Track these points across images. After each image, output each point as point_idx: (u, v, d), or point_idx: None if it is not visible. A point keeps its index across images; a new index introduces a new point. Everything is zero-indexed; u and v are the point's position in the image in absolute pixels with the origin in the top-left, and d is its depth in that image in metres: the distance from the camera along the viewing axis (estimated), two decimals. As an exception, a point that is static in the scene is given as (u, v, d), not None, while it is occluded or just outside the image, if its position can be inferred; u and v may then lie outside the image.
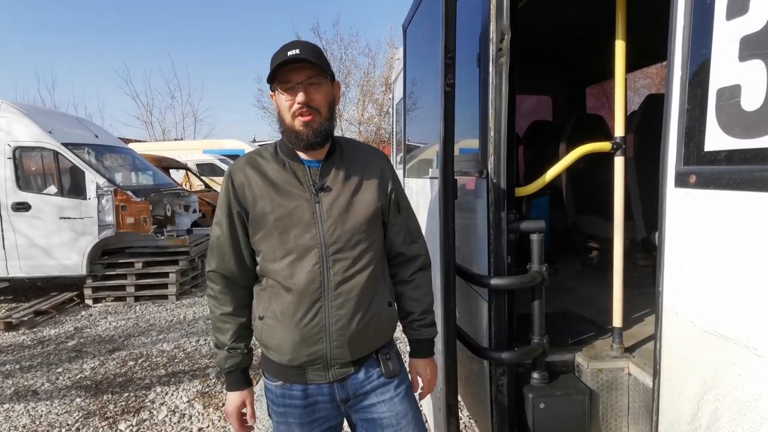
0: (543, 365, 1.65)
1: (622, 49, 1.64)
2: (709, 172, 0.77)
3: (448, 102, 1.47)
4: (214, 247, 1.38)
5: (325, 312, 1.28)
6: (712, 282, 0.79)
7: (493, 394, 1.65)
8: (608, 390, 1.65)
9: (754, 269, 0.70)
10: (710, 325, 0.77)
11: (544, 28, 3.19)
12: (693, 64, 0.77)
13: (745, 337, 0.71)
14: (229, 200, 1.34)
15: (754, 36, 0.67)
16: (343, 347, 1.30)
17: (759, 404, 0.67)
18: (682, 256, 0.85)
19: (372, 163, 1.41)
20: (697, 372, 0.80)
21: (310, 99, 1.24)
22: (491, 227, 1.58)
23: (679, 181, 0.83)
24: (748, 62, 0.69)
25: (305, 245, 1.27)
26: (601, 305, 2.18)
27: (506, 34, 1.52)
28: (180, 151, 13.22)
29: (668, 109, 0.83)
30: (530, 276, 1.56)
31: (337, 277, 1.28)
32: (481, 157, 1.64)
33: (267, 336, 1.33)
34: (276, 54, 1.27)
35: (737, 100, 0.70)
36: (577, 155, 1.65)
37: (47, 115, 6.39)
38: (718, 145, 0.74)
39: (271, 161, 1.34)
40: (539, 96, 4.52)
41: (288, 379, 1.34)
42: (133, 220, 5.76)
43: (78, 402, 3.35)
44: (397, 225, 1.43)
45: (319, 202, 1.30)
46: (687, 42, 0.78)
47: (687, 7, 0.79)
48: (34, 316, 5.31)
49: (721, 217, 0.76)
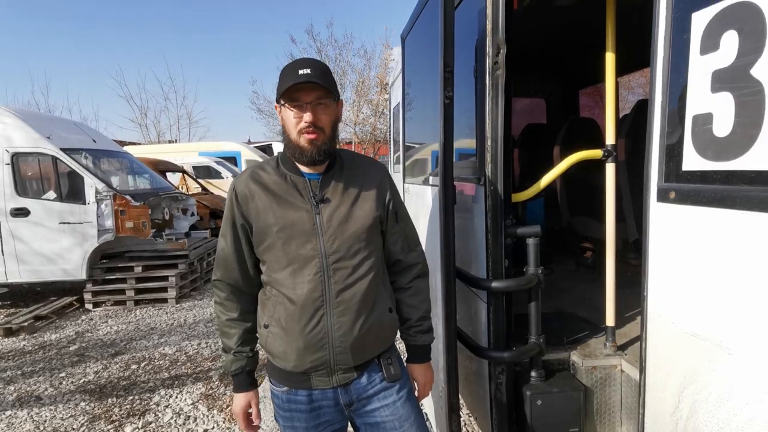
0: (540, 364, 1.72)
1: (612, 58, 1.71)
2: (686, 189, 0.85)
3: (447, 113, 1.54)
4: (219, 258, 1.45)
5: (328, 320, 1.32)
6: (690, 287, 0.87)
7: (492, 392, 1.72)
8: (602, 386, 1.73)
9: (724, 276, 0.79)
10: (689, 326, 0.85)
11: (538, 32, 3.26)
12: (672, 92, 0.85)
13: (718, 337, 0.79)
14: (233, 214, 1.40)
15: (724, 71, 0.75)
16: (345, 353, 1.34)
17: (731, 398, 0.75)
18: (664, 263, 0.93)
19: (371, 175, 1.45)
20: (678, 369, 0.88)
21: (317, 119, 1.30)
22: (489, 232, 1.65)
23: (661, 196, 0.91)
24: (718, 93, 0.76)
25: (306, 255, 1.32)
26: (595, 305, 2.26)
27: (502, 48, 1.59)
28: (176, 154, 13.22)
29: (651, 131, 0.91)
30: (527, 278, 1.64)
31: (337, 285, 1.32)
32: (478, 164, 1.71)
33: (272, 343, 1.37)
34: (287, 70, 1.32)
35: (710, 127, 0.78)
36: (570, 163, 1.73)
37: (45, 121, 6.40)
38: (694, 166, 0.82)
39: (273, 174, 1.40)
40: (533, 99, 4.60)
41: (293, 385, 1.40)
42: (133, 224, 5.79)
43: (83, 406, 3.39)
44: (395, 234, 1.48)
45: (320, 214, 1.34)
46: (667, 72, 0.86)
47: (666, 43, 0.87)
48: (34, 321, 5.33)
49: (696, 230, 0.84)
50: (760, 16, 0.67)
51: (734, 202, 0.73)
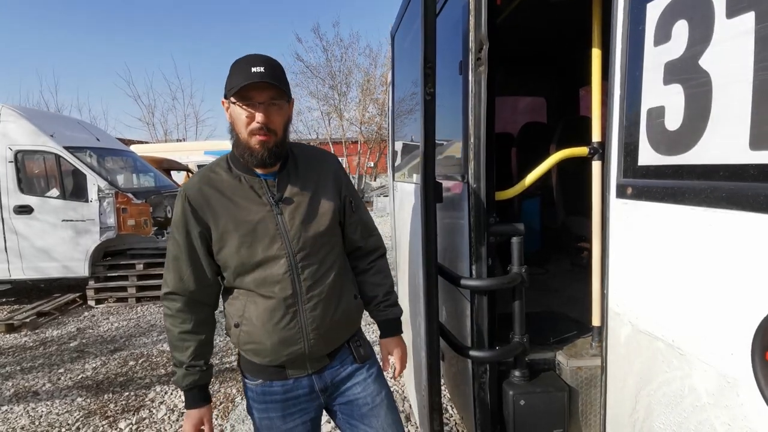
0: (524, 363, 1.70)
1: (598, 56, 1.69)
2: (641, 185, 0.83)
3: (428, 110, 1.52)
4: (171, 267, 1.36)
5: (301, 315, 1.33)
6: (645, 285, 0.85)
7: (475, 392, 1.70)
8: (587, 387, 1.71)
9: (675, 275, 0.76)
10: (644, 325, 0.83)
11: (535, 30, 3.24)
12: (629, 84, 0.82)
13: (670, 336, 0.77)
14: (186, 220, 1.32)
15: (675, 62, 0.72)
16: (319, 344, 1.37)
17: (683, 399, 0.73)
18: (622, 261, 0.91)
19: (325, 168, 1.45)
20: (635, 369, 0.86)
21: (269, 120, 1.26)
22: (472, 230, 1.63)
23: (619, 192, 0.89)
24: (670, 85, 0.74)
25: (274, 255, 1.31)
26: (587, 305, 2.23)
27: (484, 44, 1.57)
28: (182, 153, 13.31)
29: (610, 125, 0.89)
30: (510, 277, 1.62)
31: (307, 281, 1.34)
32: (462, 162, 1.69)
33: (245, 340, 1.36)
34: (238, 66, 1.25)
35: (662, 120, 0.76)
36: (554, 161, 1.70)
37: (48, 119, 6.47)
38: (649, 161, 0.80)
39: (226, 177, 1.35)
40: (533, 98, 4.56)
41: (268, 377, 1.40)
42: (134, 222, 5.84)
43: (79, 402, 3.41)
44: (353, 223, 1.50)
45: (281, 214, 1.33)
46: (624, 64, 0.84)
47: (624, 32, 0.85)
48: (37, 317, 5.39)
49: (650, 226, 0.82)
50: (709, 2, 0.65)
51: (683, 197, 0.71)
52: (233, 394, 3.39)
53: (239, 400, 3.30)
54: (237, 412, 3.13)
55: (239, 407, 3.20)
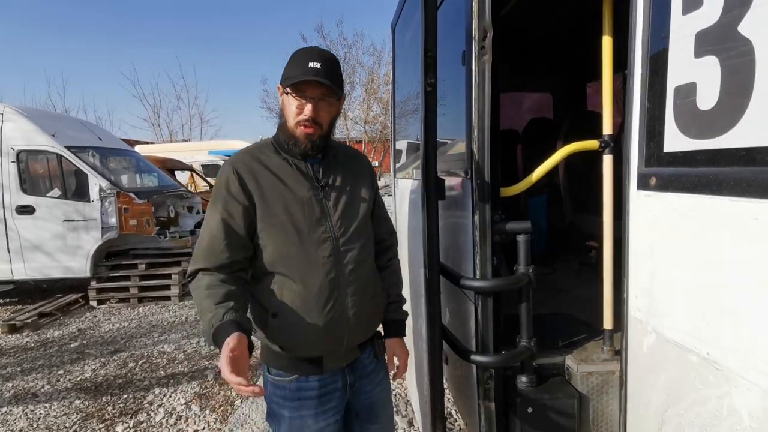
0: (531, 368, 1.62)
1: (609, 45, 1.60)
2: (668, 174, 0.73)
3: (429, 102, 1.44)
4: (206, 244, 1.29)
5: (343, 300, 1.35)
6: (673, 289, 0.75)
7: (480, 398, 1.62)
8: (599, 394, 1.62)
9: (711, 276, 0.66)
10: (671, 334, 0.73)
11: (542, 24, 3.14)
12: (652, 61, 0.73)
13: (704, 348, 0.67)
14: (231, 192, 1.30)
15: (709, 31, 0.63)
16: (357, 331, 1.41)
17: (720, 422, 0.63)
18: (646, 261, 0.81)
19: (361, 164, 1.53)
20: (660, 384, 0.76)
21: (317, 115, 1.30)
22: (476, 228, 1.55)
23: (641, 182, 0.80)
24: (702, 59, 0.65)
25: (319, 238, 1.33)
26: (596, 306, 2.14)
27: (489, 32, 1.49)
28: (186, 152, 13.31)
29: (630, 107, 0.79)
30: (516, 278, 1.53)
31: (348, 266, 1.36)
32: (465, 156, 1.61)
33: (284, 332, 1.32)
34: (298, 58, 1.31)
35: (692, 99, 0.66)
36: (563, 155, 1.62)
37: (50, 119, 6.44)
38: (677, 146, 0.71)
39: (274, 157, 1.37)
40: (540, 93, 4.47)
41: (304, 371, 1.37)
42: (136, 221, 5.79)
43: (77, 404, 3.36)
44: (379, 217, 1.56)
45: (326, 198, 1.37)
46: (647, 37, 0.74)
47: (645, 1, 0.75)
48: (39, 318, 5.36)
49: (681, 221, 0.72)
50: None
51: (721, 187, 0.61)
52: (233, 396, 3.33)
53: (239, 403, 3.23)
54: (236, 416, 3.07)
55: (238, 410, 3.13)
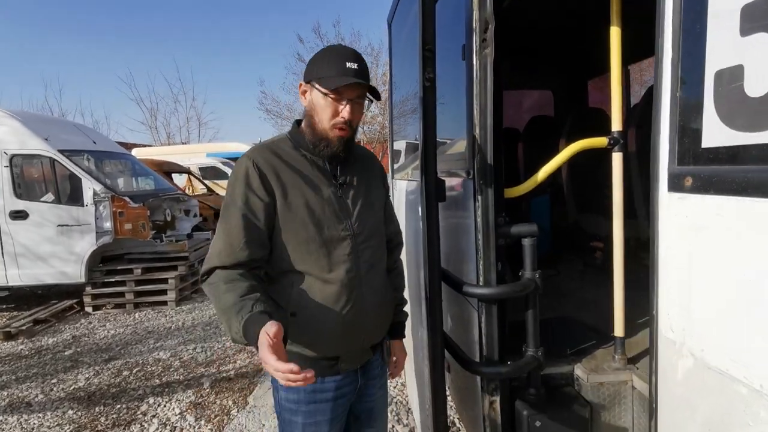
0: (539, 379, 1.53)
1: (617, 36, 1.51)
2: (708, 173, 0.63)
3: (428, 98, 1.35)
4: (221, 236, 1.23)
5: (361, 299, 1.33)
6: (719, 308, 0.65)
7: (485, 411, 1.53)
8: (611, 405, 1.53)
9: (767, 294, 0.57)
10: (714, 359, 0.63)
11: (541, 21, 3.06)
12: (686, 41, 0.63)
13: (756, 379, 0.58)
14: (252, 187, 1.24)
15: (758, 4, 0.53)
16: (374, 330, 1.42)
17: None
18: (680, 274, 0.71)
19: (374, 163, 1.53)
20: (699, 416, 0.66)
21: (352, 117, 1.28)
22: (479, 232, 1.46)
23: (673, 184, 0.70)
24: (751, 36, 0.55)
25: (339, 236, 1.31)
26: (603, 310, 2.05)
27: (490, 24, 1.40)
28: (184, 155, 13.23)
29: (658, 97, 0.70)
30: (522, 284, 1.44)
31: (366, 265, 1.36)
32: (467, 155, 1.52)
33: (303, 331, 1.28)
34: (330, 56, 1.28)
35: (739, 85, 0.57)
36: (571, 152, 1.53)
37: (44, 123, 6.35)
38: (719, 140, 0.61)
39: (293, 153, 1.33)
40: (540, 91, 4.38)
41: (321, 372, 1.32)
42: (131, 225, 5.70)
43: (70, 414, 3.28)
44: (388, 215, 1.56)
45: (343, 196, 1.35)
46: (679, 14, 0.65)
47: None
48: (33, 325, 5.27)
49: (725, 228, 0.61)
50: None
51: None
52: (229, 405, 3.24)
53: (235, 413, 3.14)
54: (232, 426, 2.98)
55: (234, 420, 3.04)
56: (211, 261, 1.24)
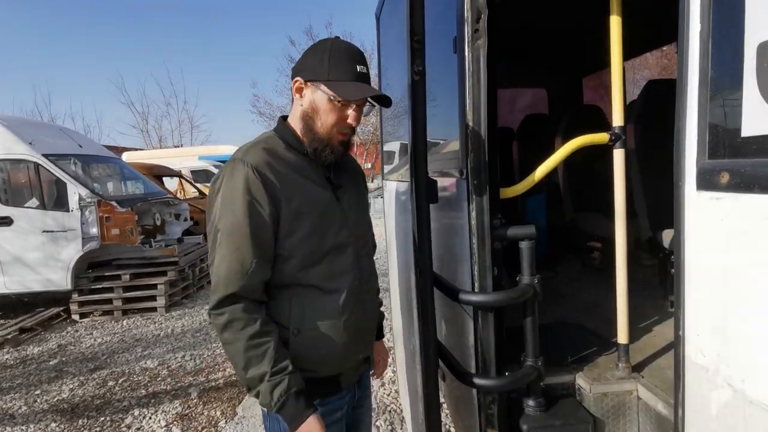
0: (539, 391, 1.44)
1: (617, 26, 1.43)
2: (748, 167, 0.52)
3: (416, 92, 1.26)
4: (228, 259, 1.10)
5: (363, 308, 1.28)
6: (762, 330, 0.54)
7: (482, 425, 1.44)
8: (615, 417, 1.44)
9: None
10: (758, 393, 0.53)
11: (534, 17, 2.98)
12: (716, 11, 0.53)
13: None
14: (255, 197, 1.09)
15: None
16: (370, 342, 1.39)
17: None
18: (713, 288, 0.60)
19: (356, 165, 1.46)
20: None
21: (358, 122, 1.23)
22: (473, 234, 1.37)
23: (703, 181, 0.59)
24: None
25: (343, 243, 1.23)
26: (604, 313, 1.97)
27: (483, 13, 1.31)
28: (176, 158, 13.11)
29: (683, 78, 0.59)
30: (520, 290, 1.35)
31: (365, 272, 1.30)
32: (460, 154, 1.43)
33: (307, 350, 1.18)
34: (339, 58, 1.17)
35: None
36: (570, 149, 1.45)
37: (28, 126, 6.21)
38: (763, 128, 0.50)
39: (289, 155, 1.21)
40: (534, 89, 4.31)
41: (324, 394, 1.25)
42: (119, 231, 5.57)
43: (53, 427, 3.16)
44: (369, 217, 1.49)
45: (340, 200, 1.26)
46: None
47: None
48: (19, 333, 5.13)
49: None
50: None
51: None
52: (217, 417, 3.12)
53: (223, 424, 3.03)
54: (221, 438, 2.87)
55: (223, 432, 2.93)
56: (218, 290, 1.11)
